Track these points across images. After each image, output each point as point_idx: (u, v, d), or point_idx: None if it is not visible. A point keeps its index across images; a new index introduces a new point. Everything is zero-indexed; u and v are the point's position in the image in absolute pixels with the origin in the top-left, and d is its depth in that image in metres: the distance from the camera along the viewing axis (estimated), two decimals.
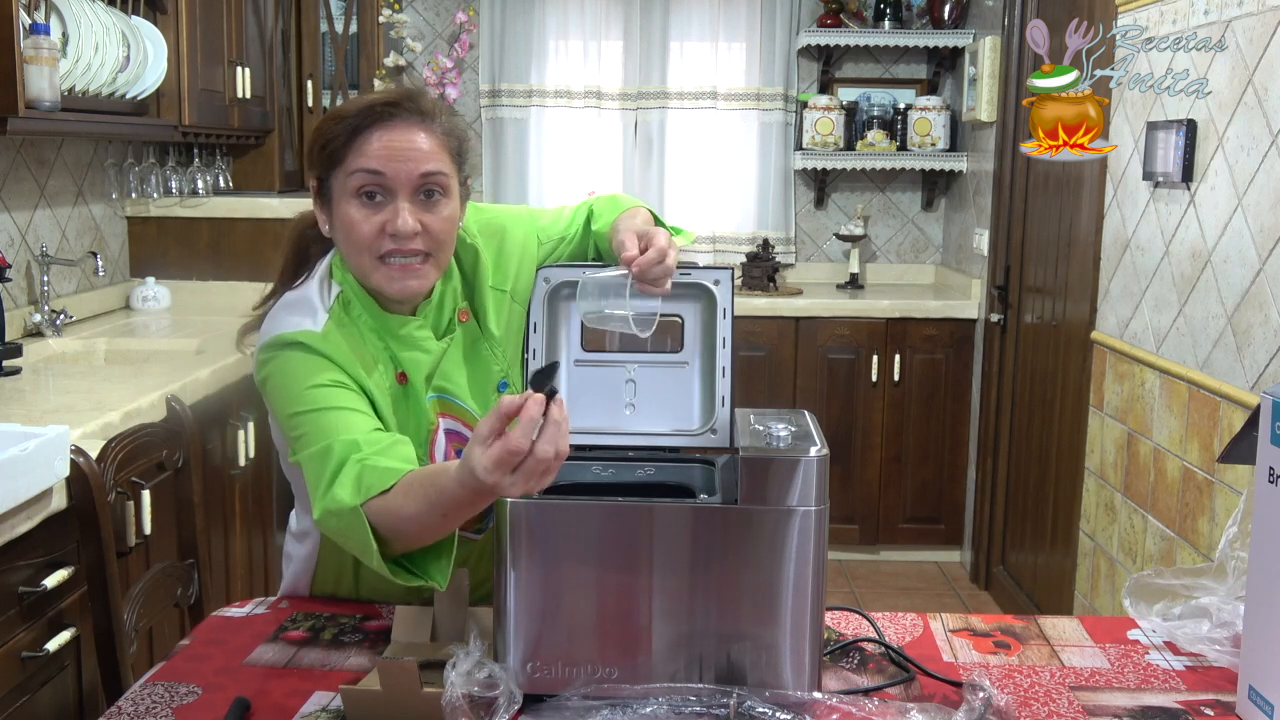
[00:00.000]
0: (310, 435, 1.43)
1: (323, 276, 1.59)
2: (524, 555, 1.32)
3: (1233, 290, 2.47)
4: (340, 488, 1.36)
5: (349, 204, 1.49)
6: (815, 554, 1.32)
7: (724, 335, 1.50)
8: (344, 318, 1.55)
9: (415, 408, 1.56)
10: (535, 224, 1.72)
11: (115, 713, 1.34)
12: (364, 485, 1.35)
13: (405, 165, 1.47)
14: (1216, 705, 1.39)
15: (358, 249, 1.49)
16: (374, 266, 1.50)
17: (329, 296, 1.56)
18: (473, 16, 4.87)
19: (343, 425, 1.41)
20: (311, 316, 1.52)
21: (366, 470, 1.36)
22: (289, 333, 1.50)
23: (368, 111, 1.49)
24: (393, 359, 1.56)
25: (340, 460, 1.38)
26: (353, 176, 1.47)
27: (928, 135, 4.78)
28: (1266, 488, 1.31)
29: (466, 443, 1.56)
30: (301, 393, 1.46)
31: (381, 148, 1.47)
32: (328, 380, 1.46)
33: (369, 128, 1.48)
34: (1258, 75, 2.39)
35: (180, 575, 2.03)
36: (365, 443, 1.39)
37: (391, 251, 1.49)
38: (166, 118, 3.43)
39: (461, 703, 1.23)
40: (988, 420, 4.27)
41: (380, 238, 1.48)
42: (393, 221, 1.47)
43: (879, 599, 4.21)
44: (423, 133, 1.50)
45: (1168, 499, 2.76)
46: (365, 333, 1.55)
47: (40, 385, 2.76)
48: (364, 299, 1.56)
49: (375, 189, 1.48)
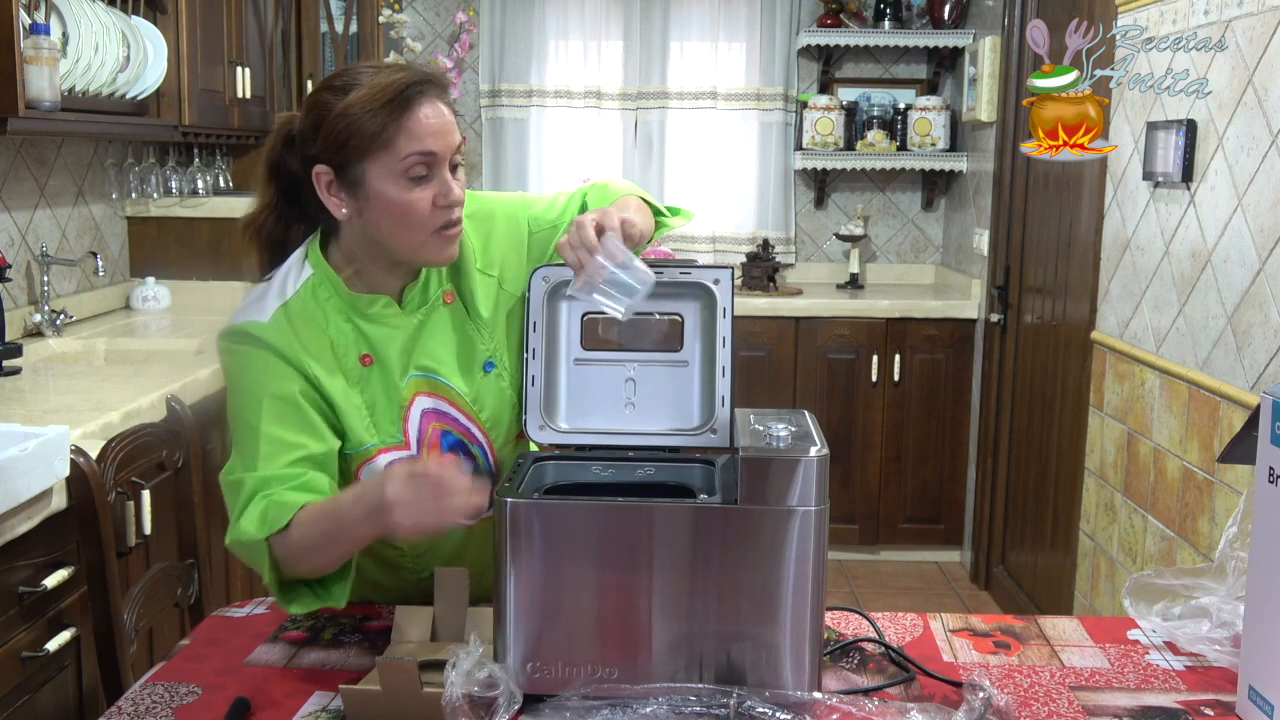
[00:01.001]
0: (238, 449, 1.52)
1: (295, 262, 1.59)
2: (524, 555, 1.32)
3: (1233, 290, 2.47)
4: (247, 520, 1.45)
5: (398, 186, 1.49)
6: (815, 554, 1.32)
7: (724, 335, 1.50)
8: (309, 302, 1.56)
9: (386, 385, 1.57)
10: (528, 211, 1.72)
11: (115, 713, 1.34)
12: (268, 520, 1.44)
13: (446, 139, 1.51)
14: (1216, 705, 1.39)
15: (413, 227, 1.51)
16: (427, 240, 1.52)
17: (297, 281, 1.57)
18: (473, 16, 4.87)
19: (264, 454, 1.49)
20: (260, 306, 1.55)
21: (271, 506, 1.45)
22: (238, 323, 1.55)
23: (409, 90, 1.48)
24: (361, 339, 1.57)
25: (250, 494, 1.47)
26: (404, 160, 1.48)
27: (928, 135, 4.78)
28: (1266, 488, 1.31)
29: (449, 421, 1.59)
30: (246, 401, 1.52)
31: (430, 127, 1.49)
32: (271, 393, 1.50)
33: (413, 107, 1.48)
34: (1258, 75, 2.39)
35: (180, 575, 2.03)
36: (276, 479, 1.48)
37: (445, 224, 1.52)
38: (166, 118, 3.43)
39: (461, 702, 1.23)
40: (988, 420, 4.27)
41: (435, 212, 1.51)
42: (444, 194, 1.50)
43: (879, 599, 4.21)
44: (444, 104, 1.53)
45: (1168, 499, 2.76)
46: (331, 315, 1.56)
47: (40, 385, 2.76)
48: (335, 281, 1.57)
49: (424, 168, 1.50)
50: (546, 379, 1.52)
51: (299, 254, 1.60)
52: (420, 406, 1.59)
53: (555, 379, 1.53)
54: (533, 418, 1.52)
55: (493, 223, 1.69)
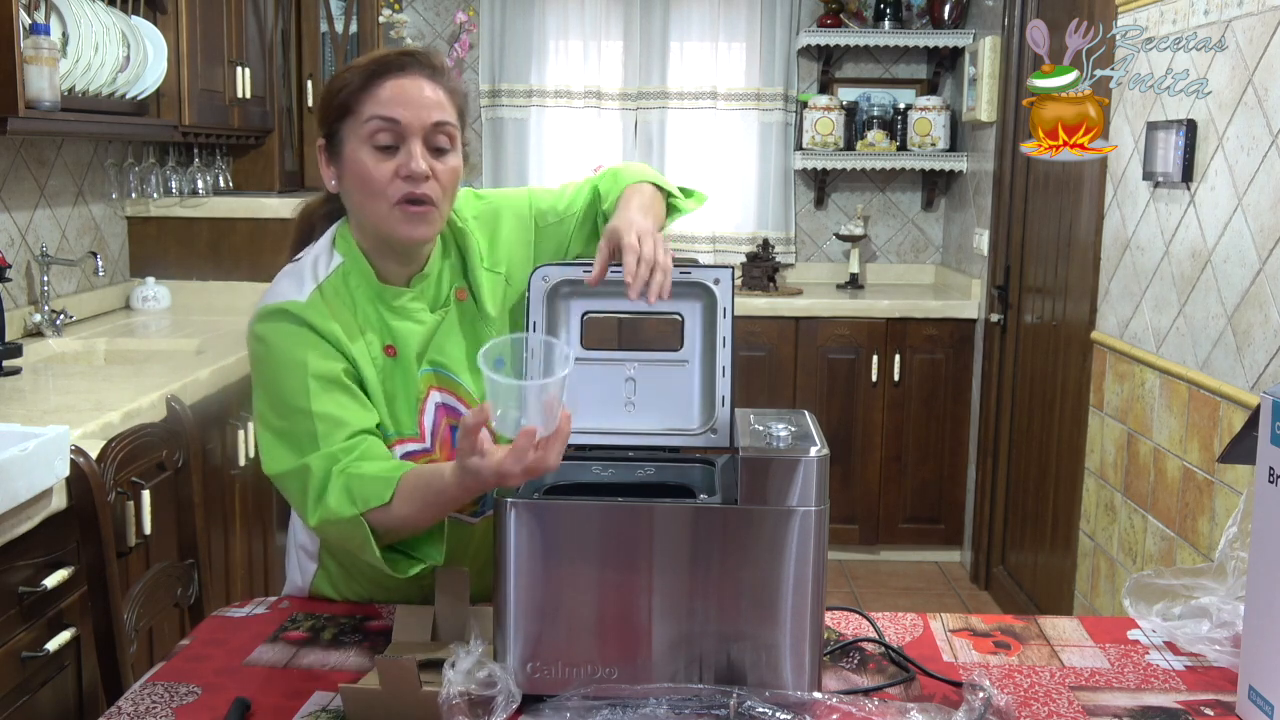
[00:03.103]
0: (288, 436, 1.48)
1: (323, 249, 1.61)
2: (524, 555, 1.32)
3: (1233, 290, 2.47)
4: (332, 500, 1.43)
5: (363, 152, 1.51)
6: (815, 554, 1.32)
7: (724, 334, 1.50)
8: (341, 287, 1.57)
9: (405, 378, 1.58)
10: (534, 206, 1.73)
11: (115, 713, 1.34)
12: (357, 496, 1.42)
13: (419, 112, 1.51)
14: (1216, 705, 1.39)
15: (373, 194, 1.52)
16: (388, 211, 1.52)
17: (328, 268, 1.58)
18: (473, 16, 4.87)
19: (321, 433, 1.47)
20: (298, 286, 1.55)
21: (354, 481, 1.43)
22: (275, 303, 1.54)
23: (381, 61, 1.53)
24: (386, 330, 1.58)
25: (323, 476, 1.45)
26: (368, 124, 1.50)
27: (928, 135, 4.78)
28: (1266, 488, 1.31)
29: (459, 417, 1.60)
30: (290, 384, 1.50)
31: (395, 95, 1.51)
32: (314, 373, 1.49)
33: (383, 76, 1.52)
34: (1258, 75, 2.39)
35: (180, 575, 2.03)
36: (341, 452, 1.46)
37: (406, 196, 1.51)
38: (166, 118, 3.43)
39: (459, 701, 1.23)
40: (988, 420, 4.27)
41: (394, 182, 1.51)
42: (406, 165, 1.50)
43: (879, 599, 4.21)
44: (432, 84, 1.54)
45: (1168, 499, 2.76)
46: (360, 303, 1.57)
47: (40, 385, 2.76)
48: (363, 270, 1.58)
49: (389, 135, 1.51)
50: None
51: (326, 240, 1.62)
52: (434, 400, 1.60)
53: None
54: None
55: (498, 220, 1.70)
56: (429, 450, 1.58)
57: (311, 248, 1.62)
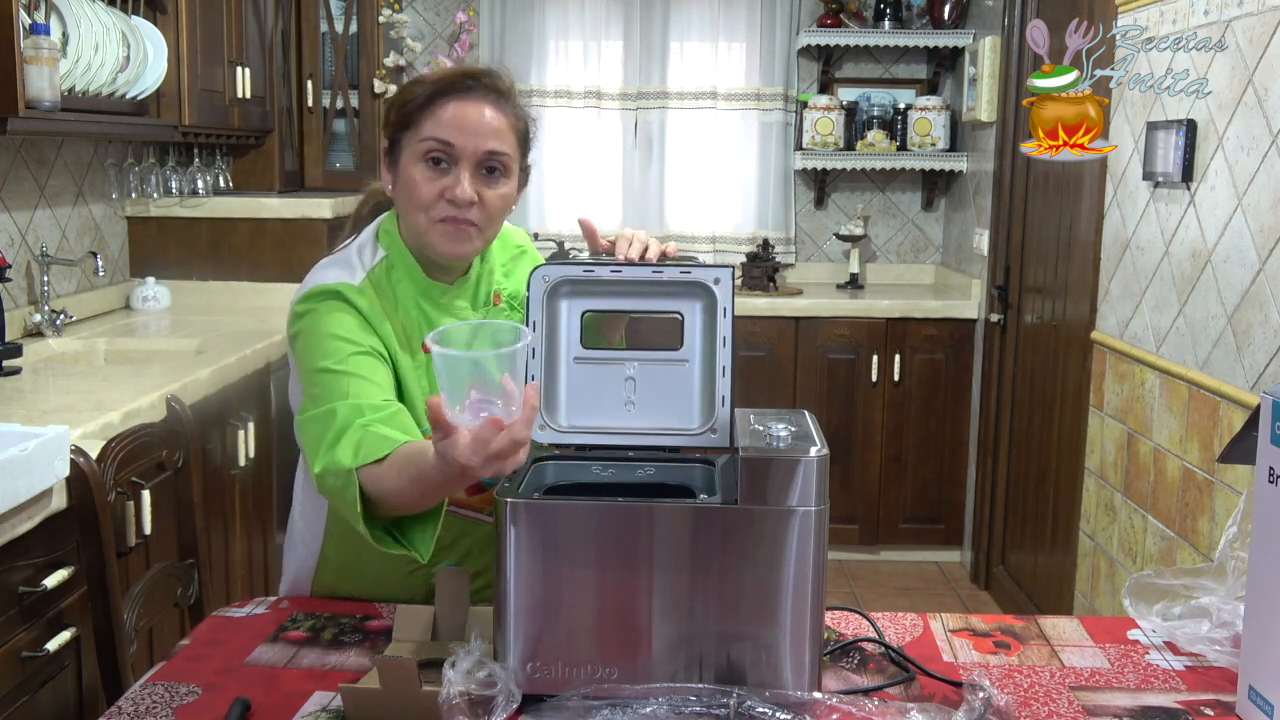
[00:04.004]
0: (320, 397, 1.48)
1: (366, 240, 1.65)
2: (524, 555, 1.32)
3: (1233, 290, 2.47)
4: (341, 450, 1.41)
5: (415, 166, 1.56)
6: (815, 554, 1.32)
7: (724, 334, 1.50)
8: (384, 281, 1.60)
9: None
10: None
11: (115, 713, 1.34)
12: (362, 451, 1.40)
13: (473, 139, 1.55)
14: (1216, 705, 1.39)
15: (416, 208, 1.56)
16: (429, 225, 1.57)
17: (371, 260, 1.62)
18: (473, 16, 4.87)
19: (353, 391, 1.47)
20: (350, 272, 1.59)
21: (367, 436, 1.42)
22: (328, 283, 1.56)
23: (447, 82, 1.57)
24: (428, 326, 1.60)
25: (344, 424, 1.44)
26: (423, 142, 1.55)
27: (928, 135, 4.78)
28: (1266, 488, 1.31)
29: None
30: (328, 349, 1.51)
31: (454, 118, 1.55)
32: (355, 342, 1.52)
33: (445, 97, 1.56)
34: (1258, 75, 2.39)
35: (180, 575, 2.03)
36: (369, 408, 1.45)
37: (448, 217, 1.56)
38: (166, 118, 3.43)
39: (459, 700, 1.23)
40: (988, 420, 4.27)
41: (439, 201, 1.55)
42: (452, 189, 1.54)
43: (879, 599, 4.21)
44: (495, 110, 1.58)
45: (1168, 499, 2.76)
46: (401, 299, 1.60)
47: (40, 385, 2.76)
48: (409, 264, 1.61)
49: (442, 156, 1.55)
50: (546, 378, 1.52)
51: (369, 233, 1.66)
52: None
53: (555, 378, 1.53)
54: None
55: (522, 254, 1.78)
56: None
57: (353, 240, 1.66)
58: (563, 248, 4.78)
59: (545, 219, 4.95)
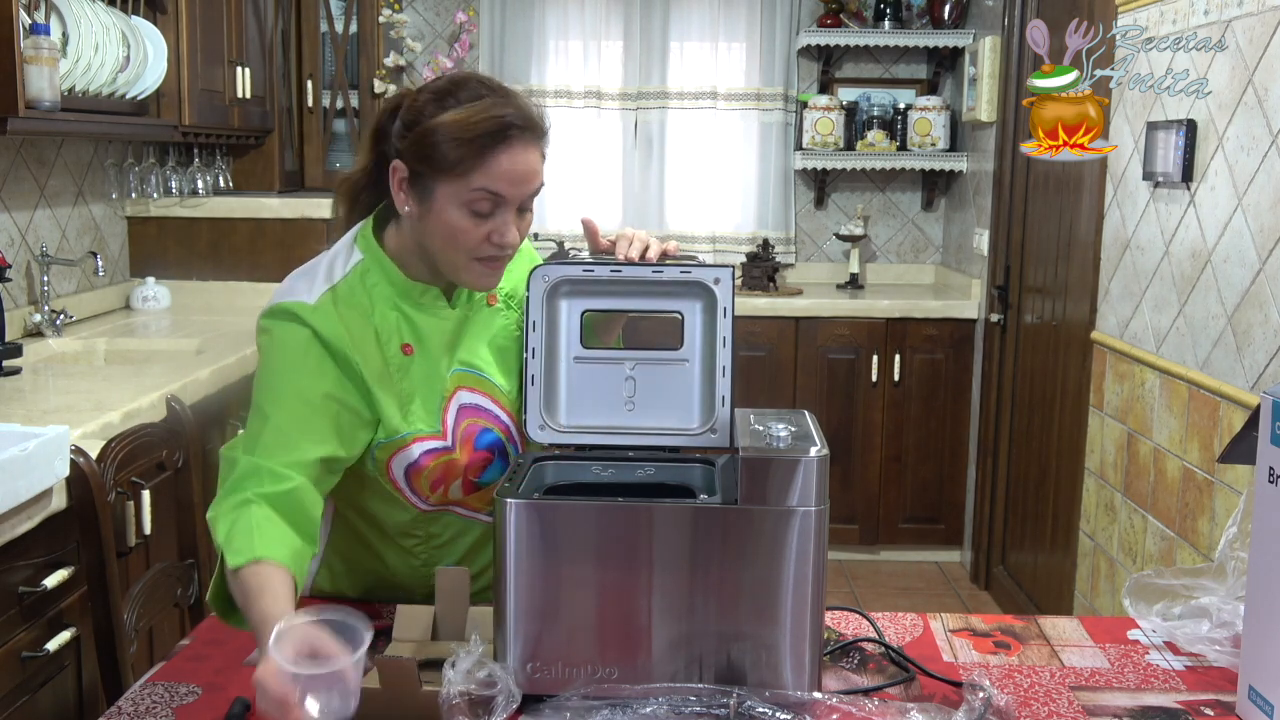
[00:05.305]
0: (244, 431, 1.52)
1: (344, 245, 1.62)
2: (524, 555, 1.32)
3: (1233, 290, 2.47)
4: (223, 518, 1.42)
5: (458, 213, 1.51)
6: (815, 554, 1.32)
7: (724, 334, 1.50)
8: (357, 287, 1.58)
9: (426, 375, 1.59)
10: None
11: (115, 713, 1.34)
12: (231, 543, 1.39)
13: (522, 187, 1.52)
14: (1216, 705, 1.39)
15: (459, 250, 1.53)
16: (469, 264, 1.55)
17: (346, 265, 1.59)
18: (473, 16, 4.87)
19: (264, 444, 1.47)
20: (309, 286, 1.56)
21: (239, 525, 1.40)
22: (284, 302, 1.55)
23: (500, 133, 1.48)
24: (406, 328, 1.58)
25: (237, 482, 1.46)
26: (474, 193, 1.49)
27: (928, 135, 4.78)
28: (1266, 488, 1.31)
29: (484, 416, 1.62)
30: (268, 383, 1.52)
31: (507, 171, 1.49)
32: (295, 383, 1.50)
33: (495, 148, 1.48)
34: (1258, 75, 2.39)
35: (180, 575, 2.03)
36: (268, 476, 1.44)
37: (489, 257, 1.54)
38: (166, 118, 3.43)
39: (459, 700, 1.23)
40: (988, 420, 4.27)
41: (483, 244, 1.53)
42: (500, 234, 1.52)
43: (879, 599, 4.21)
44: (538, 152, 1.54)
45: (1168, 499, 2.76)
46: (377, 302, 1.58)
47: (40, 385, 2.76)
48: (386, 268, 1.59)
49: (489, 205, 1.51)
50: (546, 378, 1.52)
51: (349, 237, 1.63)
52: (460, 401, 1.61)
53: (555, 378, 1.53)
54: (533, 417, 1.52)
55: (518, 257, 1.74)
56: (450, 449, 1.58)
57: (333, 247, 1.64)
58: (562, 247, 4.78)
59: (545, 219, 4.95)
